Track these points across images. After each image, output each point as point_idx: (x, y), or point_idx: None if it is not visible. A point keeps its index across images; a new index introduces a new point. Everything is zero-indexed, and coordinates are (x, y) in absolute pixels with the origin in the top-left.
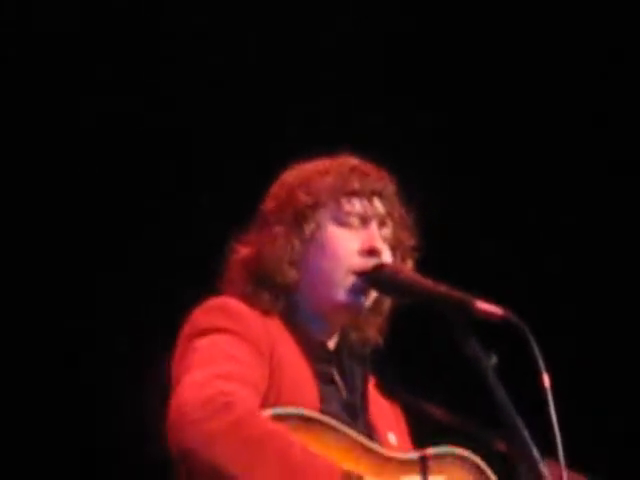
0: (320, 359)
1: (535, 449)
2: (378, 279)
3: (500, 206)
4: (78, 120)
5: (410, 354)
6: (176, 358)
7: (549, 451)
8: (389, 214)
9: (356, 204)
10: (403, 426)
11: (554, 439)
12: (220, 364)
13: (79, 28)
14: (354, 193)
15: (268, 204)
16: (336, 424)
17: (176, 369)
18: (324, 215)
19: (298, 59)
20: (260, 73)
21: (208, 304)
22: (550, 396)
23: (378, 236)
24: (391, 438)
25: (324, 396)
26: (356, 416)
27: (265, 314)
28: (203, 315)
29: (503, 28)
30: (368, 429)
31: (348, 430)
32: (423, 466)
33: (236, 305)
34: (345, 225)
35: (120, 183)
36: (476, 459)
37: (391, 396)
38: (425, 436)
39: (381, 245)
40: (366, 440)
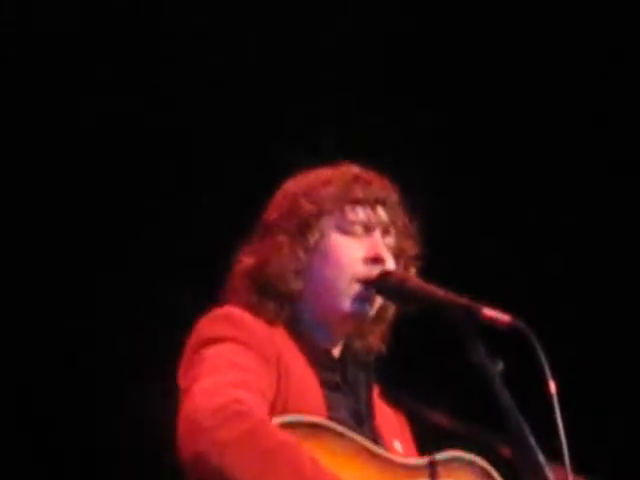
0: (325, 367)
1: (541, 454)
2: (385, 287)
3: (500, 206)
4: (78, 120)
5: (413, 361)
6: (183, 368)
7: (554, 456)
8: (392, 222)
9: (360, 212)
10: (408, 434)
11: (560, 445)
12: (228, 373)
13: (79, 28)
14: (358, 202)
15: (271, 213)
16: (344, 431)
17: (183, 379)
18: (328, 224)
19: (298, 59)
20: (260, 73)
21: (213, 314)
22: (556, 403)
23: (382, 244)
24: (397, 445)
25: (331, 404)
26: (362, 423)
27: (269, 323)
28: (209, 325)
29: (503, 28)
30: (374, 436)
31: (356, 437)
32: (432, 471)
33: (241, 314)
34: (349, 233)
35: (120, 183)
36: (484, 464)
37: (395, 404)
38: (430, 443)
39: (385, 253)
40: (374, 446)
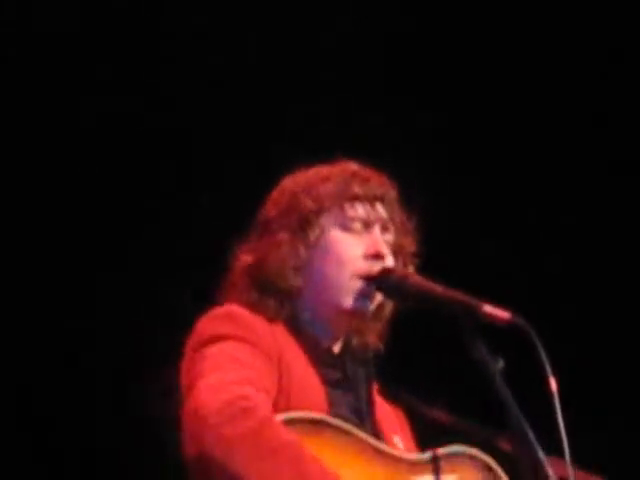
0: (326, 364)
1: (541, 451)
2: (386, 284)
3: (500, 206)
4: (78, 120)
5: (412, 358)
6: (185, 367)
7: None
8: (391, 219)
9: (359, 209)
10: (407, 430)
11: (560, 442)
12: (232, 370)
13: (79, 28)
14: (357, 198)
15: (269, 210)
16: (347, 427)
17: (186, 377)
18: (328, 220)
19: (298, 59)
20: (260, 73)
21: (214, 313)
22: (557, 400)
23: (382, 240)
24: (397, 441)
25: (332, 400)
26: (363, 420)
27: (269, 321)
28: (210, 323)
29: (503, 28)
30: (375, 432)
31: (359, 433)
32: (435, 466)
33: (242, 312)
34: (349, 230)
35: (120, 183)
36: (486, 458)
37: (394, 400)
38: (429, 439)
39: (385, 249)
40: (377, 442)
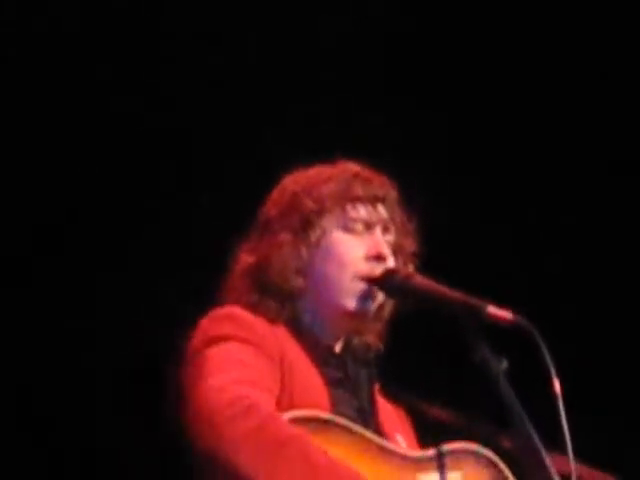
0: (328, 363)
1: (545, 453)
2: (389, 284)
3: (500, 206)
4: (78, 120)
5: (413, 357)
6: (187, 368)
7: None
8: (392, 220)
9: (361, 210)
10: (409, 429)
11: (564, 442)
12: (234, 370)
13: (79, 28)
14: (358, 199)
15: (270, 210)
16: (352, 425)
17: (188, 378)
18: (329, 221)
19: (298, 59)
20: (260, 73)
21: (215, 314)
22: (561, 402)
23: (383, 242)
24: (400, 440)
25: (335, 400)
26: (366, 419)
27: (271, 322)
28: (211, 325)
29: (503, 28)
30: (378, 432)
31: (363, 431)
32: (440, 462)
33: (243, 313)
34: (350, 231)
35: (120, 183)
36: (490, 454)
37: (395, 399)
38: (431, 438)
39: (386, 251)
40: (381, 440)
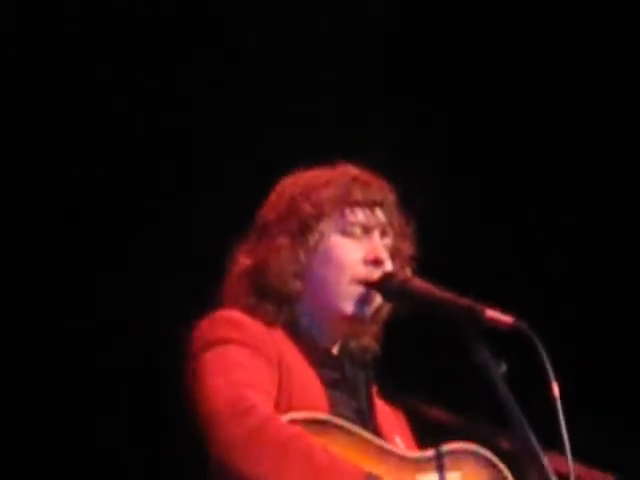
0: (326, 365)
1: (543, 454)
2: (388, 288)
3: (500, 206)
4: (78, 120)
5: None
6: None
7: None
8: (390, 224)
9: (359, 214)
10: (407, 430)
11: (563, 446)
12: (233, 373)
13: (80, 28)
14: (357, 203)
15: (268, 214)
16: (350, 426)
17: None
18: (327, 225)
19: (298, 59)
20: (260, 73)
21: (213, 317)
22: (560, 406)
23: (381, 246)
24: (398, 442)
25: (333, 401)
26: (364, 420)
27: (268, 325)
28: (209, 328)
29: (503, 28)
30: (376, 433)
31: (362, 432)
32: (439, 463)
33: (241, 317)
34: (348, 235)
35: (120, 183)
36: (489, 454)
37: (393, 401)
38: (429, 439)
39: (384, 255)
40: (380, 441)
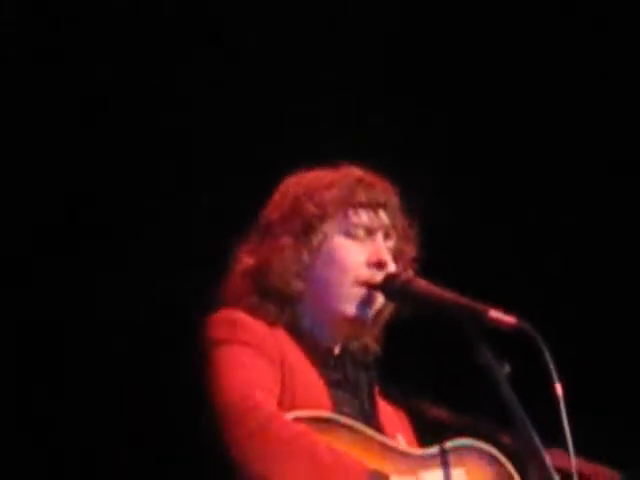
0: (328, 365)
1: (546, 455)
2: (391, 289)
3: (500, 206)
4: (78, 120)
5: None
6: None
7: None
8: (393, 226)
9: (363, 216)
10: (409, 430)
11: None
12: (237, 372)
13: (80, 27)
14: (360, 205)
15: (272, 214)
16: (354, 424)
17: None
18: (331, 226)
19: (298, 59)
20: (260, 73)
21: (216, 318)
22: (563, 406)
23: (384, 248)
24: (401, 440)
25: (336, 400)
26: (367, 419)
27: (270, 325)
28: (213, 328)
29: (503, 28)
30: (379, 432)
31: (365, 429)
32: (444, 459)
33: (243, 317)
34: (352, 236)
35: (120, 183)
36: (492, 450)
37: (395, 401)
38: (431, 438)
39: (388, 257)
40: (383, 438)
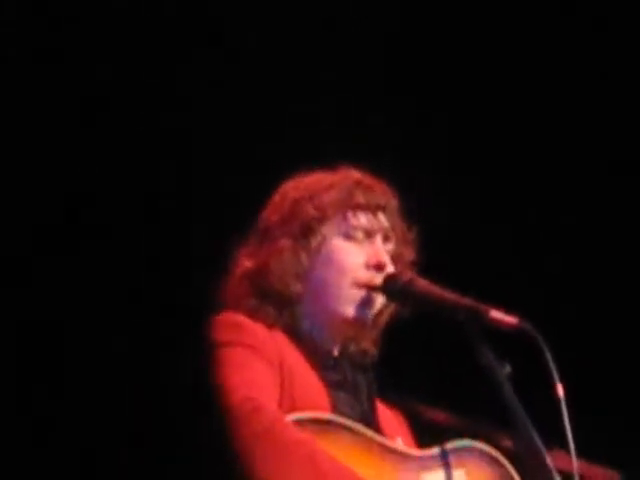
0: (327, 367)
1: (548, 456)
2: (392, 289)
3: (500, 206)
4: (78, 120)
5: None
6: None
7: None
8: (392, 229)
9: (362, 218)
10: (408, 432)
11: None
12: (239, 374)
13: (79, 28)
14: (359, 207)
15: (271, 216)
16: (354, 426)
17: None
18: (330, 228)
19: (298, 59)
20: (260, 73)
21: (219, 320)
22: (564, 406)
23: (383, 250)
24: (399, 442)
25: (335, 402)
26: (367, 421)
27: (269, 327)
28: (215, 331)
29: (503, 28)
30: (379, 433)
31: (366, 431)
32: (444, 461)
33: (243, 320)
34: (351, 239)
35: (120, 183)
36: (492, 451)
37: (393, 403)
38: (430, 440)
39: (387, 259)
40: (384, 440)
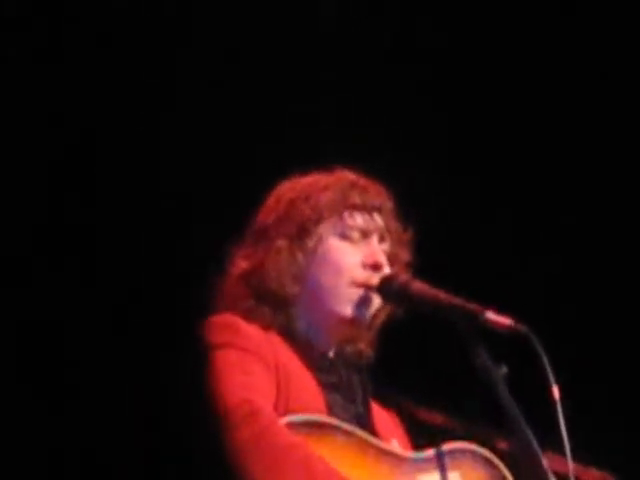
0: (322, 368)
1: (543, 457)
2: (388, 290)
3: (500, 206)
4: (78, 120)
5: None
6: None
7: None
8: (388, 229)
9: (358, 218)
10: (403, 433)
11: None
12: (233, 377)
13: (79, 27)
14: (355, 207)
15: (267, 218)
16: (349, 428)
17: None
18: (326, 229)
19: (298, 59)
20: (260, 73)
21: (212, 322)
22: (560, 408)
23: (379, 250)
24: (395, 444)
25: (331, 403)
26: (362, 423)
27: (264, 329)
28: (211, 333)
29: (503, 28)
30: (374, 435)
31: (361, 433)
32: (439, 463)
33: (239, 321)
34: (347, 239)
35: (120, 183)
36: (487, 453)
37: (388, 404)
38: (425, 441)
39: (383, 259)
40: (379, 442)
